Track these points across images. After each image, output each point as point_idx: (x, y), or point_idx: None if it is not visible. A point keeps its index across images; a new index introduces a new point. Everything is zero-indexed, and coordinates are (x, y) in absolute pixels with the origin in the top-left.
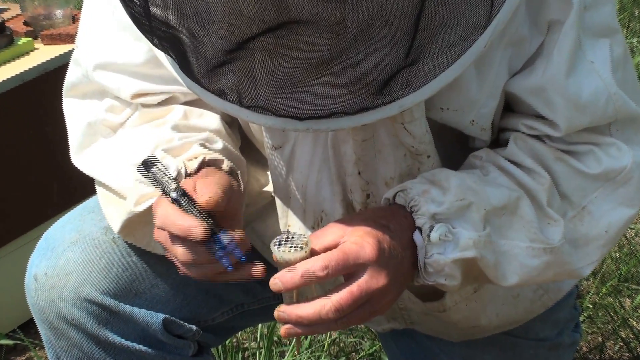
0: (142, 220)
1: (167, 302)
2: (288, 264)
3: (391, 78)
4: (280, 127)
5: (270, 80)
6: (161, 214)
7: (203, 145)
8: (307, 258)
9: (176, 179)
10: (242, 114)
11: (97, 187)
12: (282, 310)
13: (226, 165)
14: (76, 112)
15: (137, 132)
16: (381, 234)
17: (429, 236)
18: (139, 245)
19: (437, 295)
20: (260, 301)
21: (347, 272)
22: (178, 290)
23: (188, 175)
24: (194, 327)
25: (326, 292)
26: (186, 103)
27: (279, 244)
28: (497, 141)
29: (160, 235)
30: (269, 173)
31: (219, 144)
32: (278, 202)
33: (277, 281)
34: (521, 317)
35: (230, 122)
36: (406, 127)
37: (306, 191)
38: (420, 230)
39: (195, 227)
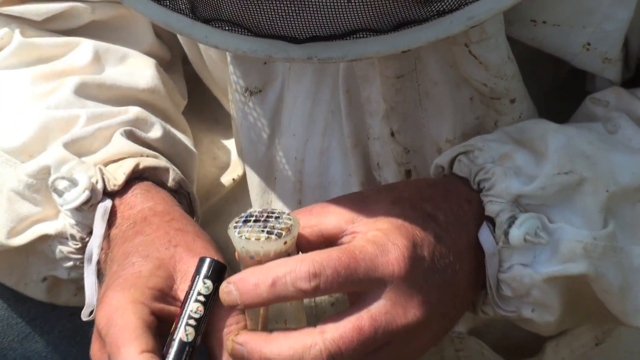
0: (12, 250)
1: None
2: (254, 260)
3: None
4: (262, 56)
5: None
6: None
7: (130, 134)
8: (289, 254)
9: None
10: (197, 34)
11: None
12: (241, 342)
13: (172, 178)
14: None
15: (11, 86)
16: (420, 230)
17: (506, 234)
18: (1, 280)
19: (531, 349)
20: None
21: (353, 289)
22: (70, 344)
23: (108, 193)
24: None
25: (316, 316)
26: (95, 26)
27: (245, 222)
28: (637, 81)
29: None
30: (232, 147)
31: (157, 130)
32: (254, 185)
33: (232, 289)
34: None
35: (170, 63)
36: (473, 50)
37: (303, 167)
38: (493, 222)
39: None
